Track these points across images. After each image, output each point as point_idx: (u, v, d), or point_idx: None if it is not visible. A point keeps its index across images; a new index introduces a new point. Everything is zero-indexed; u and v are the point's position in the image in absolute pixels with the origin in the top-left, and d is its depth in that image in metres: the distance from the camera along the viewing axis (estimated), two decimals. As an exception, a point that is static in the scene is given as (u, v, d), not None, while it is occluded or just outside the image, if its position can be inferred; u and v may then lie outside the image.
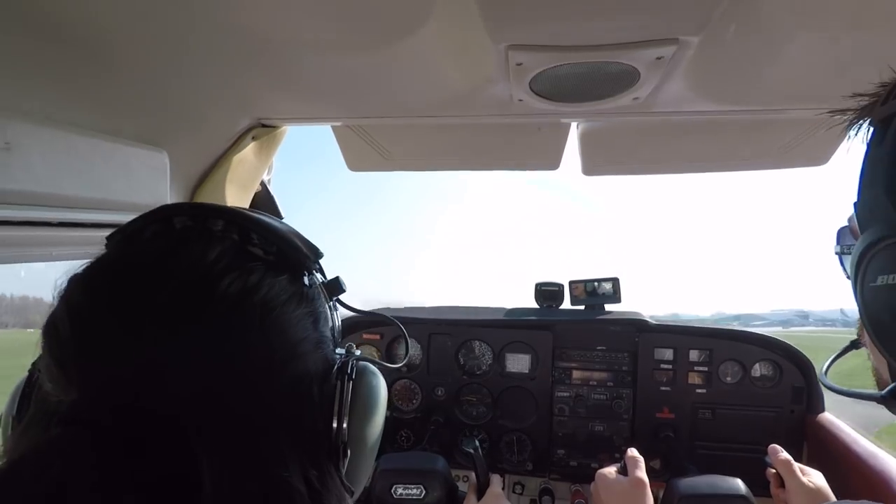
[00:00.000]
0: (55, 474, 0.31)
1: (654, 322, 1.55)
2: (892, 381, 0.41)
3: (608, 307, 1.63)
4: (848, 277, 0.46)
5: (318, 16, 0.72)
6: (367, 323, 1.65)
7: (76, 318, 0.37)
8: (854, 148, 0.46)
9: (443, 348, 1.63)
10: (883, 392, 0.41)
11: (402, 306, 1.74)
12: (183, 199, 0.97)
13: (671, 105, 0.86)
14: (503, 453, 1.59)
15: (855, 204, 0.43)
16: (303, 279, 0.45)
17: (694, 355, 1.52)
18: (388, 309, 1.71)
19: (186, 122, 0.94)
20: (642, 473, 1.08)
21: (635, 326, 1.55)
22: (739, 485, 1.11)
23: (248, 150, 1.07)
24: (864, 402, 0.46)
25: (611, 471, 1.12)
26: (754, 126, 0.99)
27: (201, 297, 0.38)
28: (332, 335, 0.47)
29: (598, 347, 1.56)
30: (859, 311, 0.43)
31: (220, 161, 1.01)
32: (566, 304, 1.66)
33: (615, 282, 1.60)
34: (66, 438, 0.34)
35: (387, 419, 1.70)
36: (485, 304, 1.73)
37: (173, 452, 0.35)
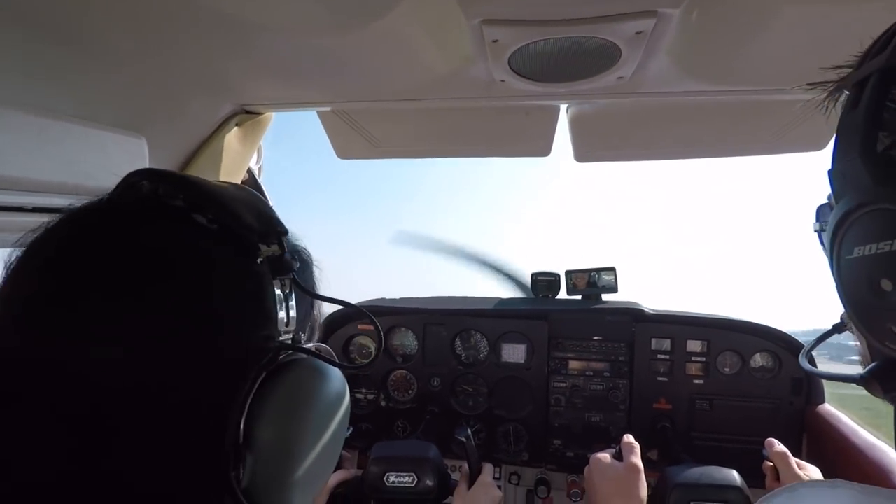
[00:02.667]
0: None
1: (651, 312, 1.52)
2: (872, 361, 0.39)
3: (605, 297, 1.60)
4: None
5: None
6: (361, 314, 1.64)
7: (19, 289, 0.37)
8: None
9: (438, 338, 1.62)
10: (862, 373, 0.39)
11: (399, 297, 1.73)
12: (164, 185, 0.97)
13: (657, 85, 0.83)
14: (499, 443, 1.58)
15: (829, 173, 0.41)
16: (248, 254, 0.41)
17: (692, 345, 1.49)
18: (384, 299, 1.70)
19: (166, 108, 0.93)
20: (637, 459, 1.06)
21: (632, 316, 1.52)
22: (734, 476, 1.10)
23: (232, 137, 1.06)
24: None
25: (606, 455, 1.11)
26: (747, 109, 0.96)
27: (133, 267, 0.36)
28: (282, 317, 0.42)
29: (595, 337, 1.54)
30: (836, 288, 0.40)
31: (202, 147, 1.00)
32: (562, 294, 1.64)
33: (612, 271, 1.58)
34: None
35: (383, 409, 1.70)
36: (482, 295, 1.71)
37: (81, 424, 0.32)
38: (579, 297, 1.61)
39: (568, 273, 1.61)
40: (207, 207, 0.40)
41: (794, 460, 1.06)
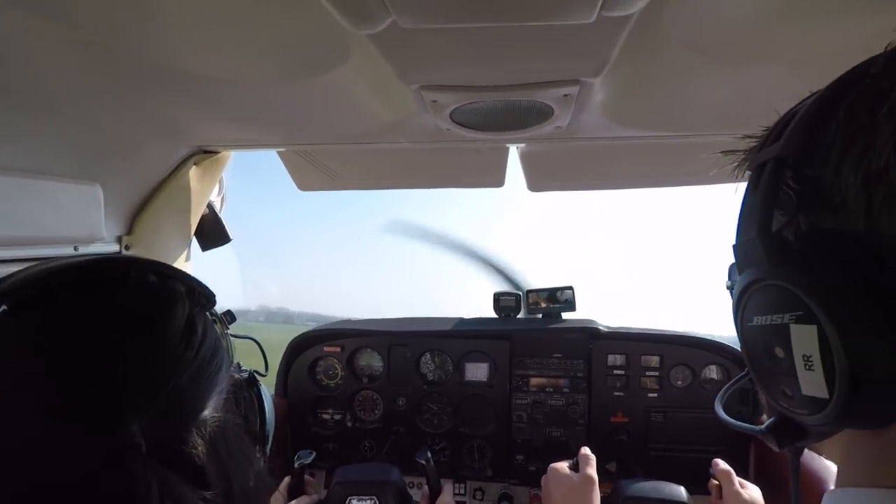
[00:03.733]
0: None
1: (606, 329, 1.59)
2: (769, 417, 0.42)
3: (565, 315, 1.66)
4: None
5: (242, 53, 0.73)
6: (327, 336, 1.67)
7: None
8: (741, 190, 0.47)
9: (403, 359, 1.66)
10: (762, 427, 0.42)
11: (363, 318, 1.76)
12: (120, 229, 0.98)
13: (593, 132, 0.89)
14: (464, 460, 1.63)
15: (734, 247, 0.44)
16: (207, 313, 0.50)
17: (646, 360, 1.56)
18: (349, 321, 1.73)
19: (121, 155, 0.94)
20: (593, 471, 1.11)
21: (589, 333, 1.58)
22: (682, 492, 1.16)
23: (191, 176, 1.07)
24: None
25: (563, 465, 1.15)
26: (684, 148, 1.02)
27: (184, 347, 0.42)
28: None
29: (555, 355, 1.59)
30: (742, 351, 0.43)
31: (158, 189, 1.01)
32: (523, 314, 1.69)
33: (570, 290, 1.63)
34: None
35: (349, 429, 1.71)
36: (445, 315, 1.75)
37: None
38: (540, 315, 1.67)
39: (528, 292, 1.66)
40: (182, 281, 0.47)
41: (736, 480, 1.12)
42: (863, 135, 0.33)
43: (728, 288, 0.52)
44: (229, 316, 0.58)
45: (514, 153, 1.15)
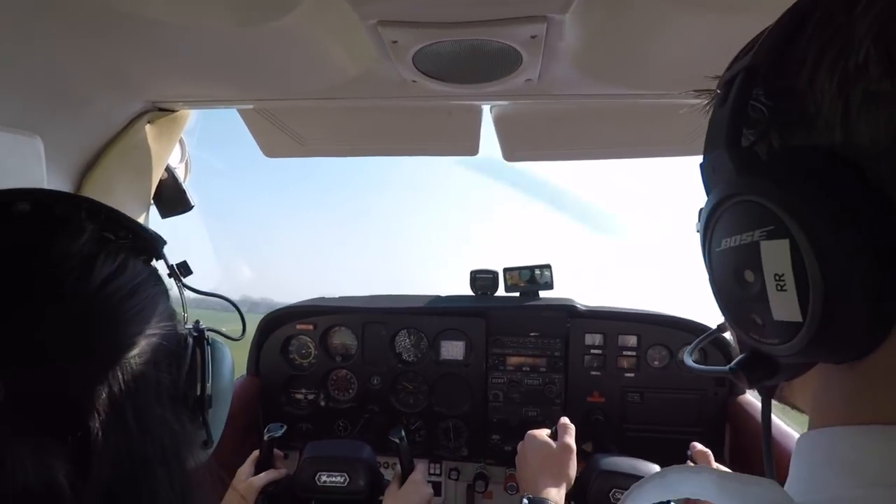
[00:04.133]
0: None
1: (584, 308, 1.56)
2: (740, 353, 0.40)
3: (542, 294, 1.63)
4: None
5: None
6: (300, 313, 1.62)
7: None
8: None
9: (378, 337, 1.62)
10: (731, 365, 0.40)
11: (336, 296, 1.71)
12: (66, 187, 0.92)
13: (564, 88, 0.85)
14: (440, 440, 1.60)
15: (700, 166, 0.41)
16: (152, 262, 0.50)
17: (623, 340, 1.53)
18: (323, 298, 1.68)
19: (64, 106, 0.88)
20: (571, 440, 1.08)
21: (566, 312, 1.55)
22: (656, 469, 1.14)
23: (145, 135, 1.02)
24: None
25: (542, 433, 1.13)
26: (660, 112, 0.99)
27: (74, 280, 0.39)
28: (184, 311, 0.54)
29: (532, 333, 1.56)
30: (710, 282, 0.41)
31: (109, 146, 0.95)
32: (501, 292, 1.66)
33: (548, 268, 1.60)
34: None
35: (323, 408, 1.68)
36: (420, 293, 1.71)
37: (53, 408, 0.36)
38: (517, 294, 1.63)
39: (506, 270, 1.63)
40: (119, 226, 0.46)
41: (713, 461, 1.10)
42: (839, 35, 0.30)
43: (699, 231, 0.49)
44: (183, 267, 0.56)
45: (487, 119, 1.10)
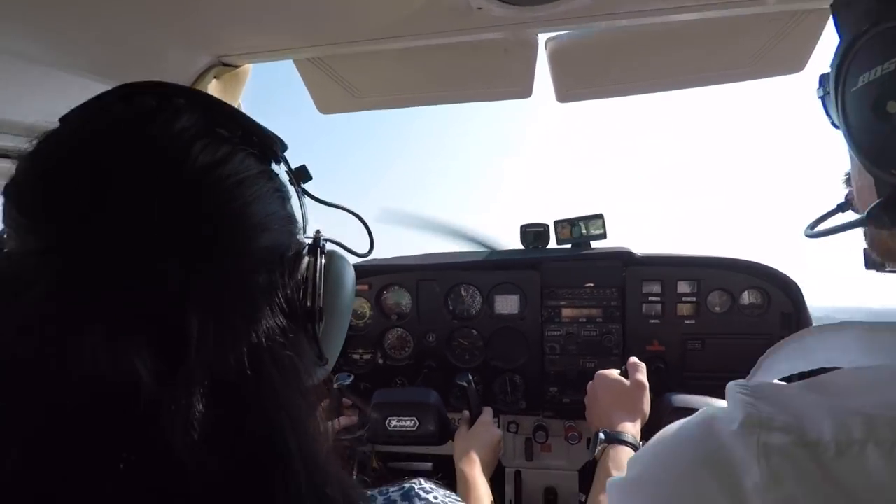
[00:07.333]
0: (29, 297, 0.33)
1: (641, 255, 1.54)
2: (879, 197, 0.38)
3: (595, 244, 1.61)
4: (832, 124, 0.43)
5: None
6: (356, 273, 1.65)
7: (43, 179, 0.37)
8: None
9: (432, 295, 1.64)
10: (870, 208, 0.38)
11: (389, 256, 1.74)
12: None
13: (630, 4, 0.84)
14: (497, 394, 1.61)
15: (832, 6, 0.40)
16: (270, 161, 0.46)
17: (682, 287, 1.51)
18: (375, 260, 1.71)
19: (142, 59, 0.92)
20: (643, 377, 1.08)
21: (622, 260, 1.54)
22: None
23: (211, 91, 1.05)
24: None
25: (613, 371, 1.13)
26: (722, 30, 0.96)
27: (172, 163, 0.37)
28: (303, 219, 0.49)
29: (587, 284, 1.55)
30: (844, 136, 0.39)
31: (181, 100, 0.99)
32: (552, 244, 1.65)
33: (600, 218, 1.59)
34: (36, 265, 0.34)
35: (381, 367, 1.70)
36: (471, 249, 1.72)
37: (146, 295, 0.35)
38: (569, 245, 1.63)
39: (556, 223, 1.62)
40: (234, 122, 0.43)
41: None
42: None
43: (821, 97, 0.47)
44: (304, 172, 0.51)
45: (542, 59, 1.09)
